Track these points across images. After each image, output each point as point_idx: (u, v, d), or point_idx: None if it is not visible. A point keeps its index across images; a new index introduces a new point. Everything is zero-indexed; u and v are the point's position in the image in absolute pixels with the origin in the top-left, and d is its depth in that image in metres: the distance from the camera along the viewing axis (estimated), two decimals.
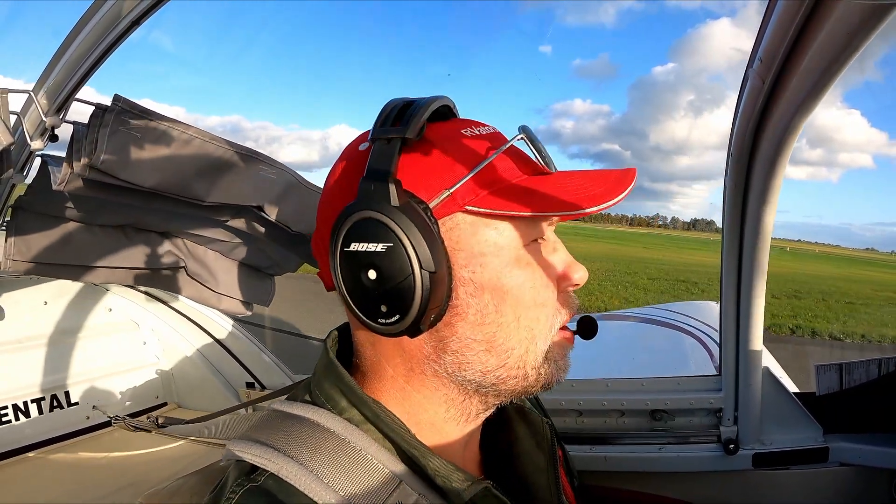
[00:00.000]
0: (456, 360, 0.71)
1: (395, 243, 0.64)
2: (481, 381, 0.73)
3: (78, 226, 1.64)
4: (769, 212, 1.32)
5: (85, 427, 2.62)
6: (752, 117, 1.18)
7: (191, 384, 2.94)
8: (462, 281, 0.69)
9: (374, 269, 0.65)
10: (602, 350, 3.16)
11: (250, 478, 0.66)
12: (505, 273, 0.70)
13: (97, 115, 1.28)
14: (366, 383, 0.77)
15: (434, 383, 0.74)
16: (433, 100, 0.72)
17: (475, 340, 0.71)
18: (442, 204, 0.67)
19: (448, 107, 0.77)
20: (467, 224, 0.70)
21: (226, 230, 1.79)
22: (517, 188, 0.71)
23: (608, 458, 1.75)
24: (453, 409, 0.76)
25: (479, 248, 0.70)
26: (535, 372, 0.74)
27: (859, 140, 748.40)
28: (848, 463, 1.59)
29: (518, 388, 0.74)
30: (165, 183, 1.40)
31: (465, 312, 0.70)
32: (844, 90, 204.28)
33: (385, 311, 0.66)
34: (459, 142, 0.72)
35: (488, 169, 0.70)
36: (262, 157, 1.56)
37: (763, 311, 1.53)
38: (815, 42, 0.87)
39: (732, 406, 1.68)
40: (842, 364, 1.57)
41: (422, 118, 0.68)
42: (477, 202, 0.68)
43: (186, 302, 2.85)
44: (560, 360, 0.77)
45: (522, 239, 0.72)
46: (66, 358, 2.64)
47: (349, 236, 0.66)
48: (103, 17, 1.10)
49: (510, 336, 0.71)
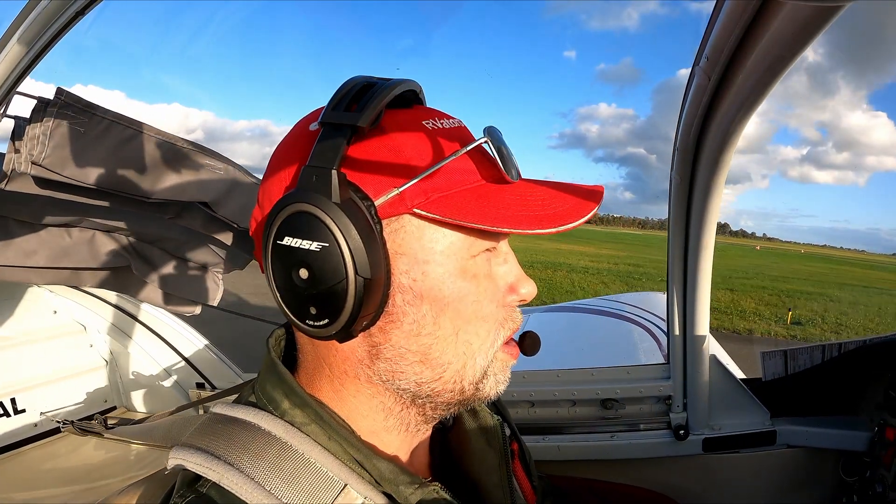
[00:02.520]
0: (389, 367, 0.68)
1: (330, 243, 0.59)
2: (416, 391, 0.69)
3: (21, 225, 1.59)
4: (714, 204, 1.35)
5: (34, 434, 2.55)
6: (697, 113, 1.20)
7: (140, 386, 2.88)
8: (400, 287, 0.65)
9: (305, 268, 0.61)
10: (552, 341, 3.20)
11: (193, 487, 0.64)
12: (448, 283, 0.66)
13: (39, 109, 1.24)
14: (309, 382, 0.73)
15: (369, 389, 0.71)
16: (396, 84, 0.66)
17: (409, 351, 0.67)
18: (388, 203, 0.62)
19: (414, 91, 0.71)
20: (413, 227, 0.65)
21: (172, 228, 1.76)
22: (473, 195, 0.66)
23: (561, 447, 1.77)
24: (392, 419, 0.73)
25: (424, 254, 0.65)
26: (473, 387, 0.71)
27: (885, 142, 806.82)
28: (795, 445, 1.64)
29: (454, 402, 0.71)
30: (109, 180, 1.36)
31: (400, 321, 0.66)
32: (870, 92, 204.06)
33: (314, 314, 0.62)
34: (418, 134, 0.67)
35: (444, 170, 0.65)
36: (209, 151, 1.53)
37: (709, 301, 1.56)
38: (761, 41, 0.88)
39: (681, 393, 1.72)
40: (787, 350, 1.61)
41: (379, 105, 0.62)
42: (427, 206, 0.63)
43: (134, 302, 2.79)
44: (500, 374, 0.73)
45: (471, 249, 0.67)
46: (11, 364, 2.56)
47: (283, 229, 0.61)
48: (45, 7, 1.07)
49: (446, 350, 0.68)
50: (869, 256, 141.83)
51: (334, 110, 0.62)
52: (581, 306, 4.53)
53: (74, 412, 2.71)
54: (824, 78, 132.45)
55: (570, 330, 3.90)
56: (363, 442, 0.69)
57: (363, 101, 0.62)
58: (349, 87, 0.64)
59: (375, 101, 0.62)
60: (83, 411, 2.74)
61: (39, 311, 2.73)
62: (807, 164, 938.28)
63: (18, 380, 2.57)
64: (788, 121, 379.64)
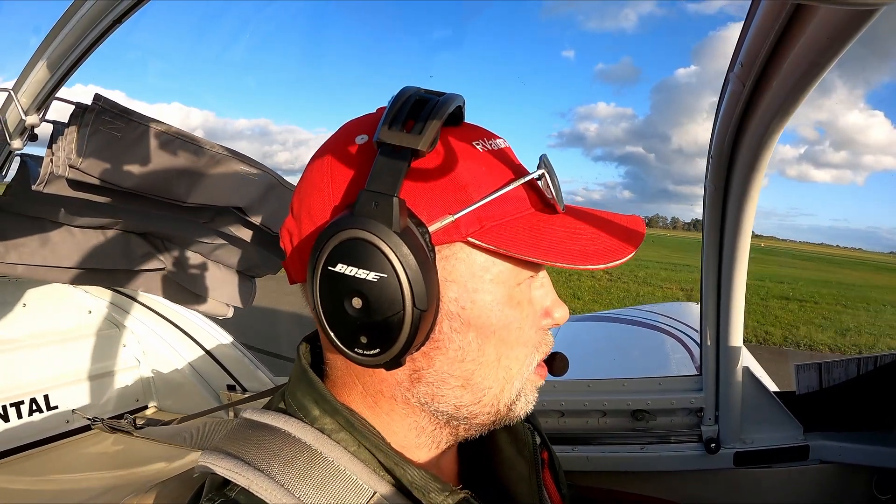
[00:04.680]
0: (430, 391, 0.67)
1: (389, 274, 0.57)
2: (454, 413, 0.69)
3: (57, 227, 1.62)
4: (749, 212, 1.33)
5: (65, 431, 2.59)
6: (732, 120, 1.18)
7: (171, 387, 2.91)
8: (448, 315, 0.64)
9: (360, 297, 0.58)
10: (584, 351, 3.18)
11: (222, 492, 0.64)
12: (495, 311, 0.65)
13: (77, 114, 1.26)
14: (336, 393, 0.72)
15: (404, 409, 0.70)
16: (450, 100, 0.62)
17: (452, 376, 0.66)
18: (443, 230, 0.61)
19: (460, 107, 0.67)
20: (464, 255, 0.64)
21: (206, 232, 1.78)
22: (524, 224, 0.65)
23: (590, 458, 1.76)
24: (423, 437, 0.72)
25: (474, 283, 0.64)
26: (507, 408, 0.71)
27: (883, 142, 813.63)
28: (828, 461, 1.61)
29: (488, 423, 0.71)
30: (145, 183, 1.39)
31: (446, 347, 0.65)
32: (866, 91, 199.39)
33: (365, 343, 0.60)
34: (470, 158, 0.65)
35: (497, 197, 0.63)
36: (244, 157, 1.55)
37: (743, 312, 1.54)
38: (796, 46, 0.87)
39: (713, 405, 1.69)
40: (821, 363, 1.59)
41: (437, 126, 0.59)
42: (481, 235, 0.62)
43: (167, 304, 2.83)
44: (530, 395, 0.73)
45: (517, 277, 0.67)
46: (45, 361, 2.61)
47: (336, 255, 0.58)
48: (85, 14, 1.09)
49: (488, 375, 0.67)
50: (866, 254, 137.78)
51: (391, 129, 0.59)
52: (613, 316, 4.49)
53: (106, 410, 2.75)
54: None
55: (602, 340, 3.86)
56: (394, 450, 0.68)
57: (420, 120, 0.59)
58: (402, 101, 0.61)
59: (433, 120, 0.59)
60: (114, 409, 2.78)
61: (74, 310, 2.78)
62: (805, 163, 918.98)
63: (52, 377, 2.62)
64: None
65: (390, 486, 0.66)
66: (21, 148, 1.38)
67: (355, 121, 0.70)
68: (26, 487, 2.16)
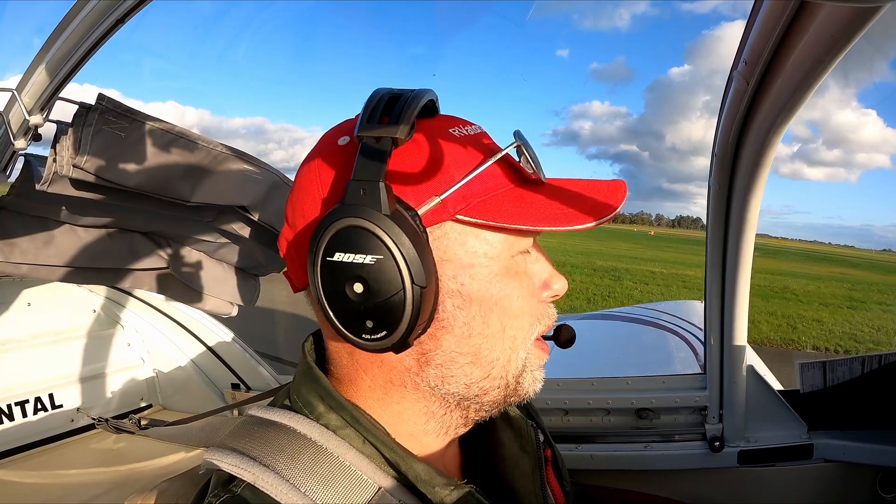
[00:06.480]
0: (439, 373, 0.69)
1: (385, 255, 0.59)
2: (465, 393, 0.70)
3: (61, 226, 1.62)
4: (753, 211, 1.33)
5: (69, 430, 2.60)
6: (736, 119, 1.18)
7: (176, 386, 2.92)
8: (449, 293, 0.66)
9: (360, 282, 0.60)
10: (587, 349, 3.17)
11: (227, 488, 0.64)
12: (495, 283, 0.68)
13: (81, 114, 1.27)
14: (342, 390, 0.74)
15: (414, 395, 0.72)
16: (422, 93, 0.66)
17: (461, 353, 0.68)
18: (431, 211, 0.63)
19: (433, 100, 0.71)
20: (456, 233, 0.66)
21: (210, 231, 1.78)
22: (508, 197, 0.68)
23: (594, 456, 1.76)
24: (433, 422, 0.74)
25: (469, 258, 0.67)
26: (515, 381, 0.72)
27: (876, 140, 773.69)
28: (832, 459, 1.61)
29: (499, 399, 0.72)
30: (149, 183, 1.39)
31: (451, 325, 0.67)
32: (858, 90, 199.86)
33: (371, 327, 0.62)
34: (449, 143, 0.68)
35: (478, 176, 0.66)
36: (247, 156, 1.55)
37: (747, 310, 1.54)
38: (800, 44, 0.87)
39: (717, 404, 1.69)
40: (825, 362, 1.59)
41: (413, 114, 0.62)
42: (468, 211, 0.65)
43: (171, 303, 2.83)
44: (536, 372, 0.75)
45: (511, 249, 0.69)
46: (50, 360, 2.62)
47: (333, 245, 0.61)
48: (87, 14, 1.09)
49: (495, 346, 0.69)
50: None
51: (369, 123, 0.62)
52: (617, 314, 4.49)
53: (110, 408, 2.77)
54: None
55: (606, 338, 3.86)
56: (400, 445, 0.70)
57: (395, 113, 0.62)
58: (376, 99, 0.64)
59: (409, 112, 0.62)
60: (119, 408, 2.79)
61: (79, 309, 2.78)
62: (798, 161, 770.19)
63: (57, 376, 2.62)
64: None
65: (395, 481, 0.68)
66: (25, 148, 1.38)
67: (336, 127, 0.74)
68: (32, 485, 2.16)
